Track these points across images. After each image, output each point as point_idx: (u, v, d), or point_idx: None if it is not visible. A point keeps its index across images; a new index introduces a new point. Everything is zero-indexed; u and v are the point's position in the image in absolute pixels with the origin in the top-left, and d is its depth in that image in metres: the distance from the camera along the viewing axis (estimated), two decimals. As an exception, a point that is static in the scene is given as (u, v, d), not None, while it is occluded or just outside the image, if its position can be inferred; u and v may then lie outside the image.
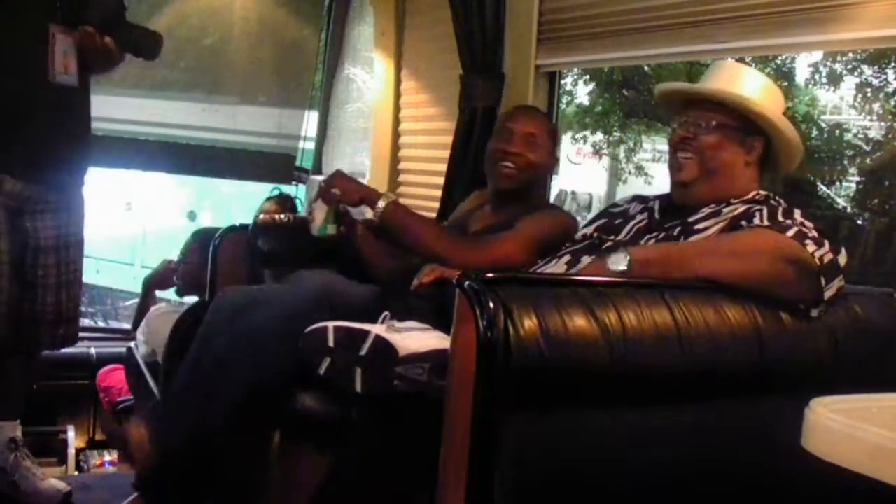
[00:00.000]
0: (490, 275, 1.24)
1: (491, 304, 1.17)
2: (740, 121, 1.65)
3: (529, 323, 1.18)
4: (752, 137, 1.66)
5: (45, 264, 2.17)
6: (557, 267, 1.72)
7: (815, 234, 1.45)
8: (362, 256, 2.17)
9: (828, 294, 1.43)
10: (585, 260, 1.69)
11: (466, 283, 1.20)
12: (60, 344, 2.33)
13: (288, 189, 3.66)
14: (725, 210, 1.61)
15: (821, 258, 1.41)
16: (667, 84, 1.81)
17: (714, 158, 1.65)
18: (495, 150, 2.12)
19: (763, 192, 1.65)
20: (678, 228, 1.63)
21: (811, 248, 1.41)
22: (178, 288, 3.28)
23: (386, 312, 1.64)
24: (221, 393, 1.78)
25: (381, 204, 1.94)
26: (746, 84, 1.68)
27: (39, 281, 2.17)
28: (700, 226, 1.61)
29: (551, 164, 2.20)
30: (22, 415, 2.36)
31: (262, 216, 2.52)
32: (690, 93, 1.71)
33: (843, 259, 1.45)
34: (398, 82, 3.33)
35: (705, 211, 1.63)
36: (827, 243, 1.44)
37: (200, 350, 1.86)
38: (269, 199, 3.30)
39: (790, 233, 1.44)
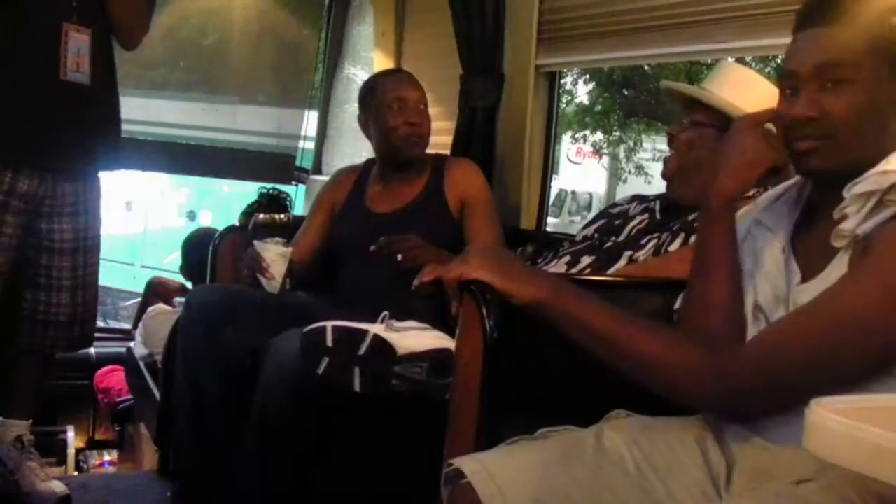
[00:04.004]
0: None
1: (497, 304, 1.17)
2: None
3: (534, 323, 1.17)
4: None
5: (61, 266, 2.16)
6: (557, 267, 1.72)
7: None
8: None
9: None
10: (585, 260, 1.68)
11: (472, 283, 1.20)
12: (75, 346, 2.32)
13: (286, 189, 3.68)
14: None
15: None
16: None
17: None
18: (401, 125, 2.15)
19: (754, 190, 1.65)
20: (678, 227, 1.62)
21: None
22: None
23: (385, 312, 1.64)
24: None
25: None
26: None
27: (54, 283, 2.16)
28: None
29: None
30: (32, 415, 2.35)
31: (261, 216, 2.52)
32: None
33: None
34: (398, 82, 3.32)
35: None
36: None
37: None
38: (256, 202, 3.33)
39: None
